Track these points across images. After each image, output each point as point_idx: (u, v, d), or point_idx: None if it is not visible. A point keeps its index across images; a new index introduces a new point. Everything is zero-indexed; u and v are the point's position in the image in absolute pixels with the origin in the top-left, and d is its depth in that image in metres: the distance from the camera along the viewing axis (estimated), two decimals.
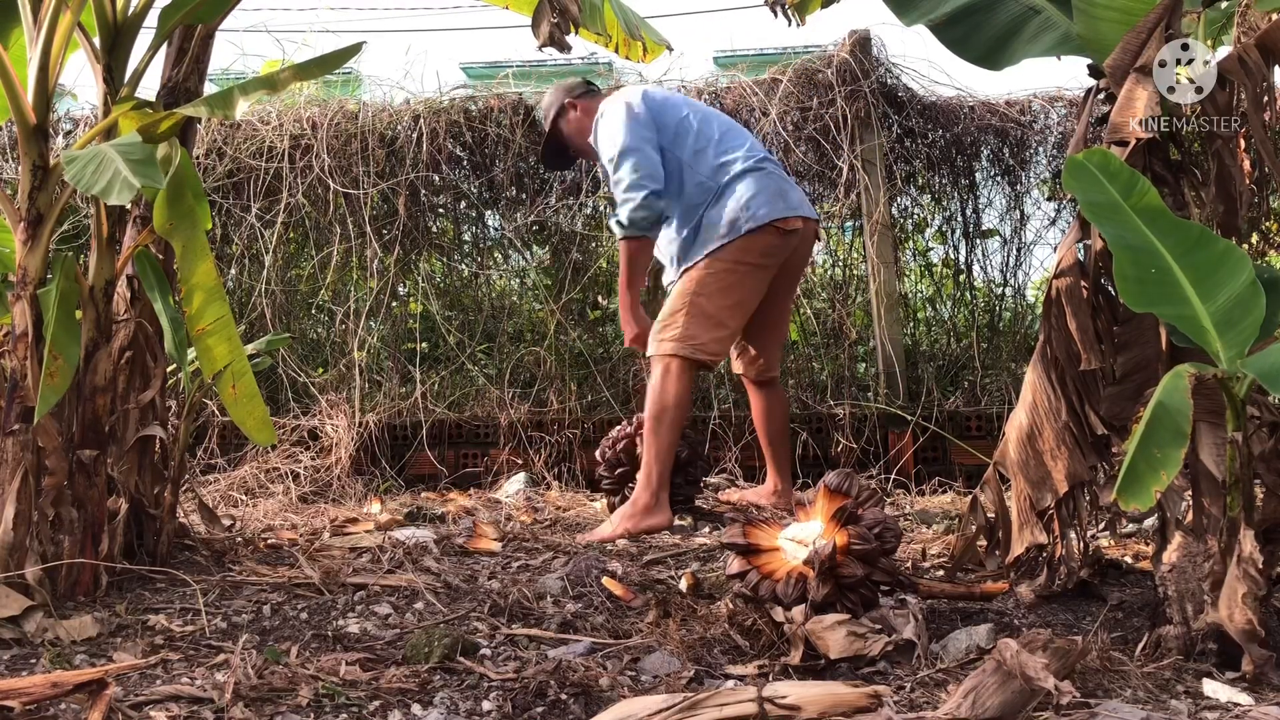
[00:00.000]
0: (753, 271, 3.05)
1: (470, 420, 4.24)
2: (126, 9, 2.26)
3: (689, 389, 3.02)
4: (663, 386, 2.98)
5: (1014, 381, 4.11)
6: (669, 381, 2.98)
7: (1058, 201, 4.57)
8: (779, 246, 3.07)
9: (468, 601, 2.13)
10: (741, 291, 3.04)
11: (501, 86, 4.65)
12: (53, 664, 1.71)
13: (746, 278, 3.04)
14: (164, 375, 2.35)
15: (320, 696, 1.57)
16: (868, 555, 1.88)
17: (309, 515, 3.24)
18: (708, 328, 3.00)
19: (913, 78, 4.53)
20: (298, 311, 4.63)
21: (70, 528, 2.08)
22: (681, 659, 1.74)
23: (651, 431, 2.98)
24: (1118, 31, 2.14)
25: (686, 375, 2.99)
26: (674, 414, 2.97)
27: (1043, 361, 2.13)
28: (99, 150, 1.90)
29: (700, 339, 2.99)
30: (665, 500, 2.98)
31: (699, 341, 2.99)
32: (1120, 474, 1.56)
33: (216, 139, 4.47)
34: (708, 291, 3.01)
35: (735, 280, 3.02)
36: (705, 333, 3.00)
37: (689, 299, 3.02)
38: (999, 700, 1.43)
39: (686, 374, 2.99)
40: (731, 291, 3.02)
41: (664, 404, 2.97)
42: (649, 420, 2.99)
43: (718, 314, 3.02)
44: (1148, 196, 1.84)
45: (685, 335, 2.99)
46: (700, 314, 3.00)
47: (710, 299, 3.01)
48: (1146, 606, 1.98)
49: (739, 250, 3.01)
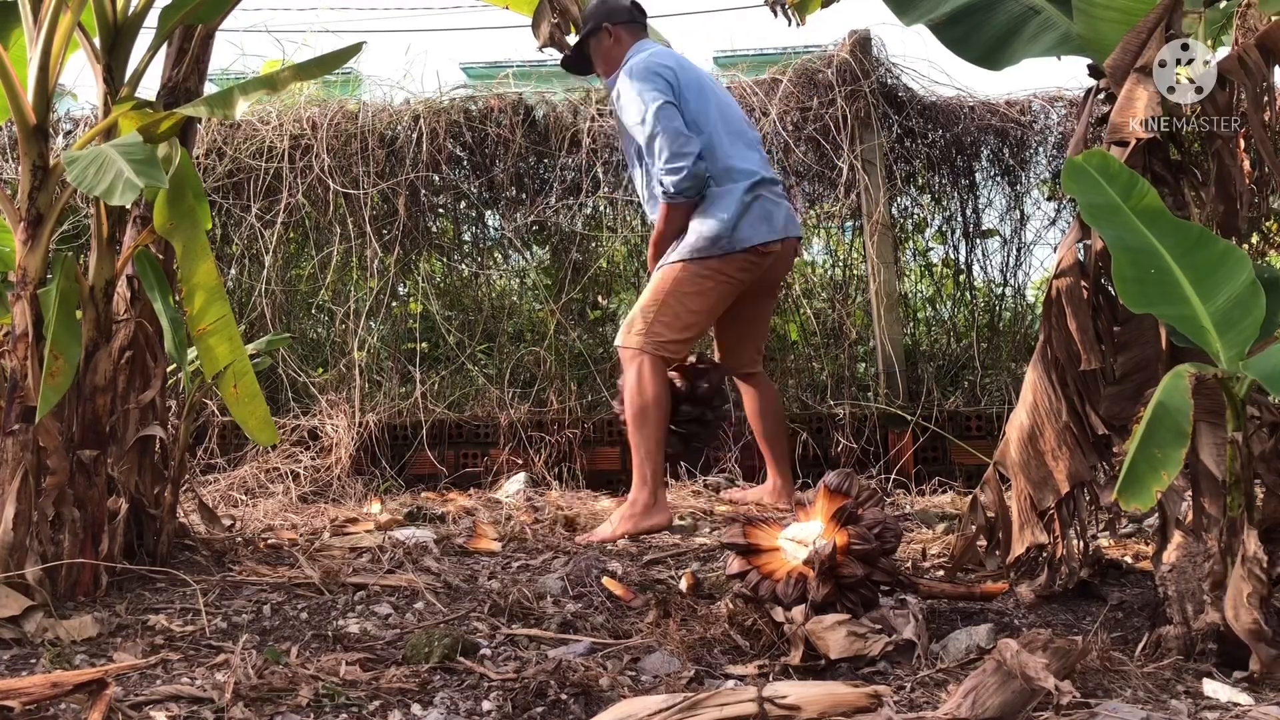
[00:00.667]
0: (726, 284, 3.10)
1: (470, 420, 4.24)
2: (126, 9, 2.26)
3: (665, 384, 3.05)
4: (639, 385, 3.01)
5: (1014, 381, 4.10)
6: (645, 379, 3.00)
7: (1058, 201, 4.57)
8: (755, 265, 3.12)
9: (468, 601, 2.13)
10: (713, 299, 3.10)
11: (501, 86, 4.65)
12: (53, 664, 1.71)
13: (720, 288, 3.09)
14: (164, 375, 2.35)
15: (320, 696, 1.57)
16: (868, 555, 1.88)
17: (309, 515, 3.24)
18: (675, 329, 3.05)
19: (913, 78, 4.53)
20: (298, 311, 4.63)
21: (70, 528, 2.08)
22: (681, 659, 1.74)
23: (637, 431, 3.00)
24: (1118, 31, 2.14)
25: (660, 370, 3.03)
26: (655, 410, 3.00)
27: (1043, 361, 2.13)
28: (100, 151, 1.90)
29: (666, 338, 3.04)
30: (664, 498, 2.99)
31: (664, 339, 3.04)
32: (1121, 474, 1.56)
33: (216, 139, 4.47)
34: (681, 294, 3.05)
35: (710, 288, 3.07)
36: (672, 333, 3.05)
37: (664, 298, 3.06)
38: (999, 700, 1.43)
39: (659, 369, 3.03)
40: (704, 298, 3.07)
41: (644, 402, 2.99)
42: (633, 420, 3.01)
43: (686, 317, 3.06)
44: (1147, 198, 1.84)
45: (654, 333, 3.03)
46: (672, 314, 3.05)
47: (682, 301, 3.05)
48: (1146, 606, 1.98)
49: (718, 264, 3.06)
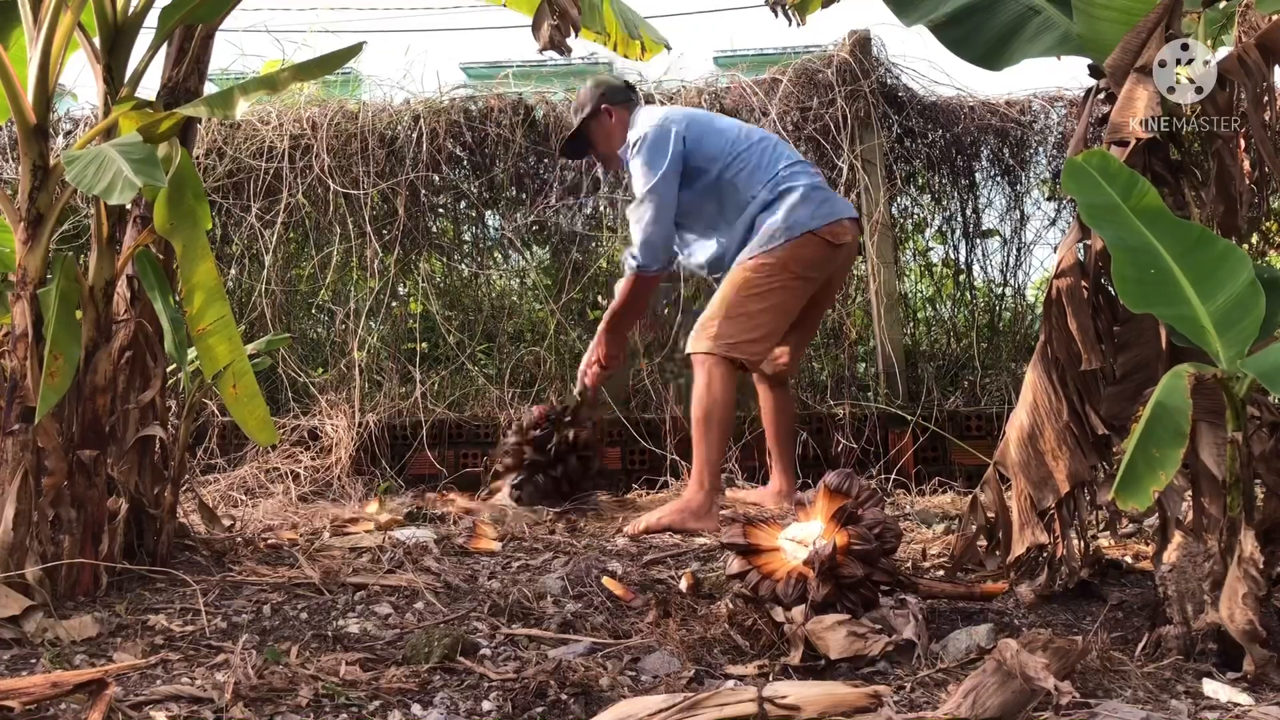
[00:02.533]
0: (796, 280, 3.09)
1: (470, 420, 4.24)
2: (126, 9, 2.26)
3: (733, 388, 3.06)
4: (708, 388, 3.02)
5: (1014, 381, 4.10)
6: (713, 382, 3.01)
7: (1058, 201, 4.57)
8: (827, 259, 3.12)
9: (468, 601, 2.13)
10: (783, 296, 3.08)
11: (501, 86, 4.65)
12: (53, 664, 1.71)
13: (789, 284, 3.08)
14: (164, 375, 2.35)
15: (320, 696, 1.57)
16: (868, 555, 1.88)
17: (309, 515, 3.24)
18: (745, 329, 3.04)
19: (913, 78, 4.53)
20: (298, 311, 4.63)
21: (70, 528, 2.08)
22: (681, 659, 1.74)
23: (702, 435, 3.01)
24: (1118, 31, 2.14)
25: (729, 374, 3.03)
26: (722, 413, 3.01)
27: (1043, 361, 2.13)
28: (100, 150, 1.90)
29: (735, 339, 3.03)
30: (717, 506, 3.01)
31: (734, 341, 3.03)
32: (1118, 473, 1.56)
33: (216, 139, 4.47)
34: (748, 293, 3.05)
35: (778, 285, 3.06)
36: (741, 334, 3.04)
37: (729, 299, 3.07)
38: (999, 700, 1.43)
39: (728, 373, 3.03)
40: (772, 295, 3.06)
41: (711, 404, 3.00)
42: (698, 423, 3.02)
43: (755, 316, 3.05)
44: (1147, 198, 1.84)
45: (721, 334, 3.03)
46: (738, 315, 3.04)
47: (749, 301, 3.05)
48: (1146, 606, 1.98)
49: (785, 256, 3.05)
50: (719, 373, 3.01)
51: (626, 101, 3.37)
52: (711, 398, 3.00)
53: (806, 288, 3.12)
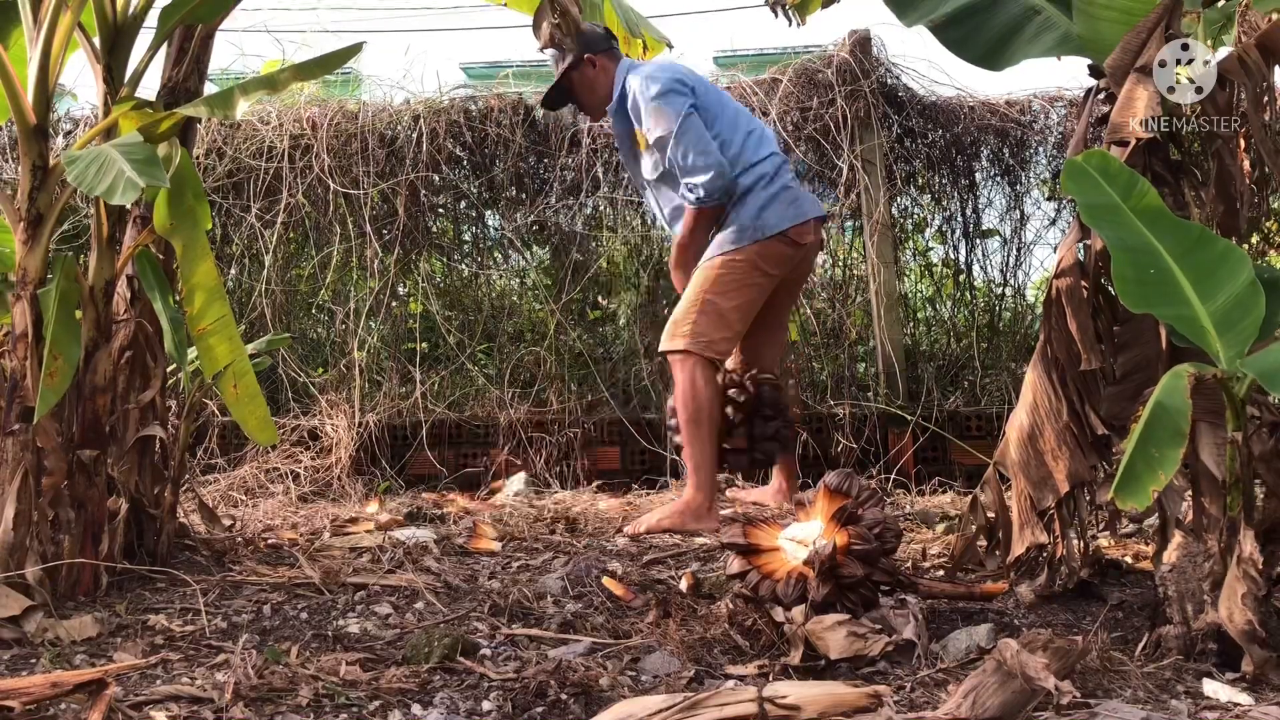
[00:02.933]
0: (764, 279, 3.10)
1: (470, 420, 4.24)
2: (126, 9, 2.26)
3: (716, 385, 3.07)
4: (693, 388, 3.01)
5: (1014, 381, 4.10)
6: (697, 382, 3.02)
7: (1058, 201, 4.57)
8: (790, 256, 3.12)
9: (468, 601, 2.13)
10: (750, 293, 3.09)
11: (501, 86, 4.65)
12: (53, 664, 1.71)
13: (759, 282, 3.09)
14: (164, 375, 2.35)
15: (320, 696, 1.57)
16: (868, 555, 1.88)
17: (309, 515, 3.24)
18: (718, 326, 3.05)
19: (913, 78, 4.53)
20: (298, 311, 4.63)
21: (70, 528, 2.08)
22: (681, 659, 1.74)
23: (693, 435, 3.00)
24: (1118, 31, 2.14)
25: (710, 373, 3.05)
26: (709, 412, 3.02)
27: (1043, 361, 2.13)
28: (101, 150, 1.90)
29: (711, 337, 3.04)
30: (717, 506, 3.02)
31: (710, 339, 3.03)
32: (1118, 473, 1.56)
33: (216, 139, 4.47)
34: (720, 290, 3.05)
35: (748, 282, 3.07)
36: (715, 331, 3.04)
37: (703, 296, 3.06)
38: (999, 700, 1.43)
39: (710, 371, 3.04)
40: (742, 292, 3.07)
41: (699, 404, 3.01)
42: (688, 425, 3.02)
43: (727, 314, 3.06)
44: (1147, 198, 1.84)
45: (698, 332, 3.03)
46: (713, 312, 3.05)
47: (722, 298, 3.05)
48: (1146, 606, 1.98)
49: (754, 254, 3.05)
50: (701, 372, 3.02)
51: (609, 50, 3.28)
52: (698, 399, 3.00)
53: (771, 285, 3.13)
